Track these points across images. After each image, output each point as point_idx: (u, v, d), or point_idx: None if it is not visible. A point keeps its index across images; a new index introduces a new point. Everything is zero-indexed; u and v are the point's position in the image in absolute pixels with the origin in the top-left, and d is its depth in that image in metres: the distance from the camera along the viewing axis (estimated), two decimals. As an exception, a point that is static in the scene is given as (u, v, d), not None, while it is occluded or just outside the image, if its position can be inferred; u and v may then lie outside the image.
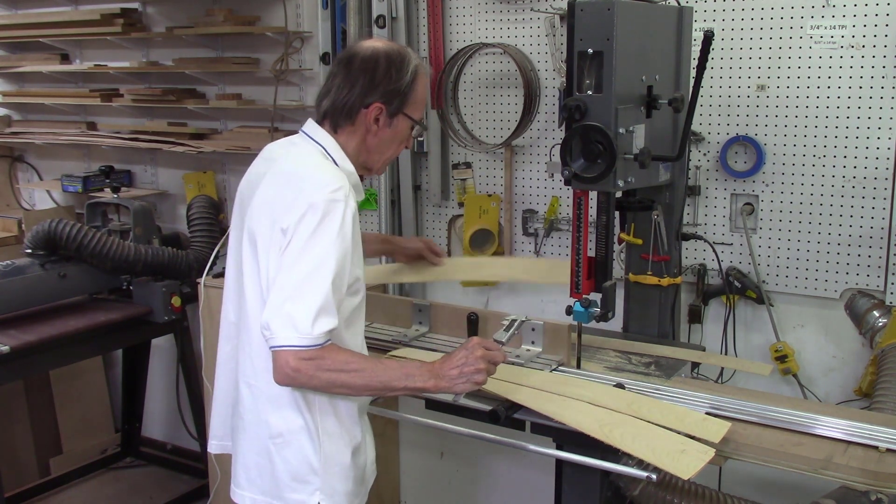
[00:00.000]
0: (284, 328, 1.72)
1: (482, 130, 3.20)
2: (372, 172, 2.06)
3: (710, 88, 2.72)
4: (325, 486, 1.91)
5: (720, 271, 2.79)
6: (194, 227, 3.75)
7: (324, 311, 1.73)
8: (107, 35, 3.87)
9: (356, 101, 1.90)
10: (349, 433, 1.95)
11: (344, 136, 1.94)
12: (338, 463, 1.92)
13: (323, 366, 1.74)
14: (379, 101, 1.90)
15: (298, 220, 1.75)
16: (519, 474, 3.36)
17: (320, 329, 1.73)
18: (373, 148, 1.97)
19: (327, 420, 1.91)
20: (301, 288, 1.74)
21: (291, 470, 1.91)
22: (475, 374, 1.84)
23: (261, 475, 1.96)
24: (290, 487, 1.92)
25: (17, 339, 3.06)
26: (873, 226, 2.55)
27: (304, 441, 1.90)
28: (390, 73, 1.90)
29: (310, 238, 1.75)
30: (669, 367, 2.35)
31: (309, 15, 3.51)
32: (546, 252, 3.13)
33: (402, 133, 1.98)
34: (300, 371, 1.73)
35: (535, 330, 2.37)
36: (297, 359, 1.73)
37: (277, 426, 1.91)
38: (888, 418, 2.00)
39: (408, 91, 1.92)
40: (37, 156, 4.69)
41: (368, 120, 1.91)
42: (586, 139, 2.07)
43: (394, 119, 1.93)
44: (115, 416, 4.54)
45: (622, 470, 1.91)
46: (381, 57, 1.90)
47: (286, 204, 1.80)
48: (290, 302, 1.73)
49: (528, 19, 3.02)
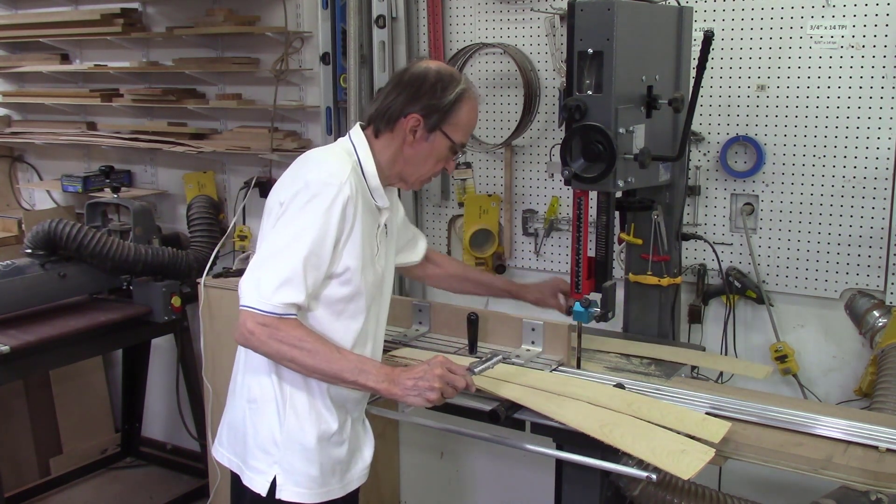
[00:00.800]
0: (250, 290, 1.82)
1: (482, 130, 3.20)
2: (407, 186, 2.10)
3: (710, 88, 2.72)
4: (284, 462, 1.97)
5: (720, 271, 2.79)
6: (194, 227, 3.75)
7: (289, 282, 1.82)
8: (107, 35, 3.87)
9: (397, 109, 1.97)
10: (318, 416, 1.98)
11: (382, 142, 2.01)
12: (298, 442, 1.97)
13: (276, 335, 1.82)
14: (418, 113, 1.95)
15: (293, 196, 1.86)
16: (519, 474, 3.36)
17: (280, 298, 1.81)
18: (409, 159, 2.01)
19: (297, 396, 1.97)
20: (275, 257, 1.84)
21: (257, 437, 1.99)
22: (427, 391, 1.84)
23: (237, 436, 2.06)
24: (253, 455, 2.00)
25: (17, 339, 3.06)
26: (873, 226, 2.55)
27: (271, 411, 1.98)
28: (435, 88, 1.95)
29: (297, 213, 1.84)
30: (669, 366, 2.35)
31: (309, 15, 3.51)
32: (546, 252, 3.13)
33: (439, 150, 2.00)
34: (254, 334, 1.82)
35: (535, 330, 2.37)
36: (254, 321, 1.81)
37: (254, 391, 2.01)
38: (888, 418, 2.00)
39: (448, 109, 1.96)
40: (37, 156, 4.69)
41: (405, 129, 1.97)
42: (586, 139, 2.07)
43: (431, 134, 1.97)
44: (115, 416, 4.54)
45: (622, 470, 1.91)
46: (431, 73, 1.98)
47: (289, 181, 1.93)
48: (261, 268, 1.84)
49: (528, 19, 3.02)
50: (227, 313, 3.20)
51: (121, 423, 4.42)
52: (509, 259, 3.22)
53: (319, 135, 3.50)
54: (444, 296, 3.37)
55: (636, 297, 2.62)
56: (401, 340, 2.49)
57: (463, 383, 1.89)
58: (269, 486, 1.96)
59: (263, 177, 3.74)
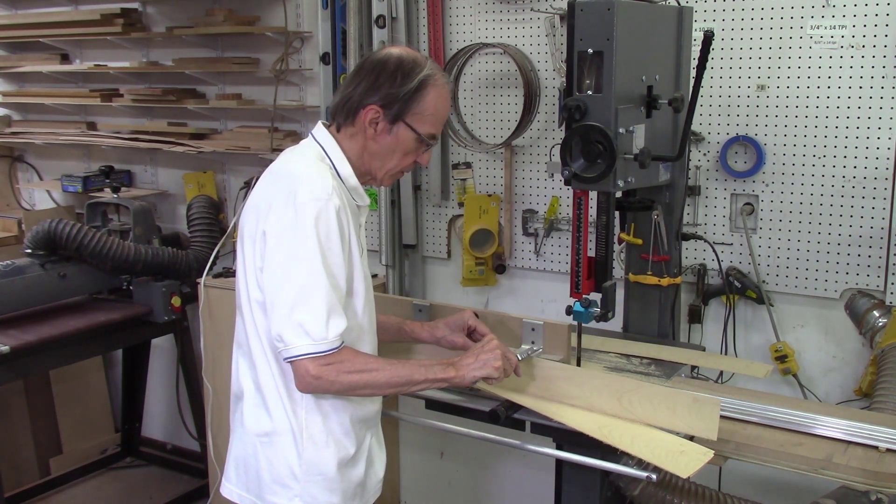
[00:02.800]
0: (298, 337, 1.72)
1: (482, 130, 3.20)
2: (377, 182, 1.97)
3: (710, 88, 2.72)
4: (305, 494, 1.88)
5: (720, 271, 2.79)
6: (194, 227, 3.75)
7: (332, 312, 1.74)
8: (107, 35, 3.87)
9: (356, 100, 1.85)
10: (337, 443, 1.91)
11: (346, 138, 1.90)
12: (320, 472, 1.89)
13: (343, 368, 1.75)
14: (376, 104, 1.84)
15: (283, 223, 1.75)
16: (519, 474, 3.36)
17: (334, 331, 1.74)
18: (374, 154, 1.89)
19: (313, 426, 1.88)
20: (304, 296, 1.73)
21: (273, 471, 1.90)
22: (492, 359, 1.85)
23: (247, 472, 1.96)
24: (270, 489, 1.91)
25: (17, 339, 3.06)
26: (873, 226, 2.55)
27: (287, 444, 1.88)
28: (395, 76, 1.83)
29: (301, 244, 1.73)
30: (669, 366, 2.35)
31: (309, 15, 3.51)
32: (546, 252, 3.13)
33: (404, 143, 1.88)
34: (321, 377, 1.74)
35: (535, 330, 2.36)
36: (317, 365, 1.73)
37: (265, 425, 1.90)
38: (888, 418, 2.00)
39: (409, 99, 1.83)
40: (37, 156, 4.69)
41: (364, 121, 1.85)
42: (586, 139, 2.07)
43: (394, 126, 1.86)
44: (115, 416, 4.54)
45: (622, 470, 1.91)
46: (392, 60, 1.85)
47: (268, 203, 1.79)
48: (296, 312, 1.72)
49: (528, 19, 3.02)
50: (227, 313, 3.18)
51: (121, 423, 4.42)
52: (509, 259, 3.22)
53: (319, 135, 3.49)
54: (444, 296, 3.38)
55: (636, 297, 2.62)
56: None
57: (516, 359, 1.91)
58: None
59: (263, 177, 3.74)
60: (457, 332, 2.17)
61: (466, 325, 2.17)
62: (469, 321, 2.17)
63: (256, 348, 1.89)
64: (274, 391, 1.88)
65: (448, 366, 1.86)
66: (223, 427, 3.18)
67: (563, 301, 2.53)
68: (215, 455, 3.23)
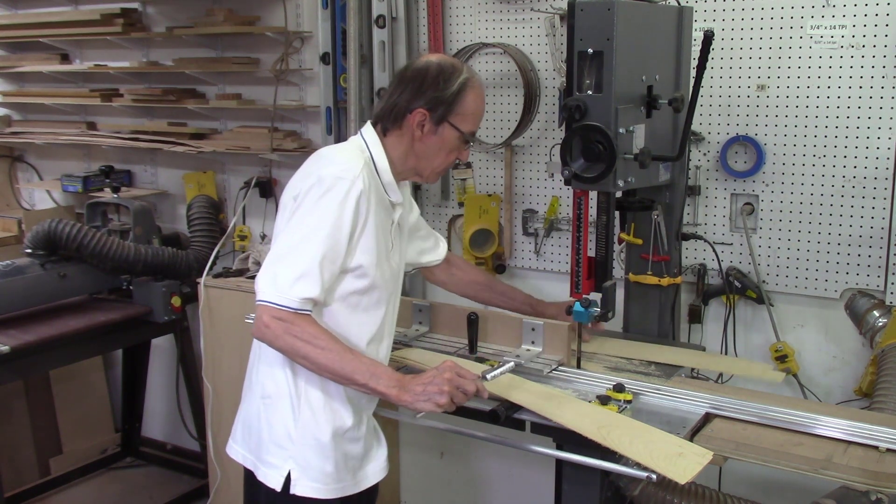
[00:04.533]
0: (267, 285, 1.85)
1: (482, 130, 3.19)
2: (423, 179, 2.12)
3: (710, 88, 2.72)
4: (299, 456, 1.97)
5: (720, 271, 2.79)
6: (194, 227, 3.75)
7: (305, 276, 1.83)
8: (107, 35, 3.87)
9: (403, 105, 1.99)
10: (334, 412, 1.99)
11: (392, 140, 2.03)
12: (313, 436, 1.97)
13: (291, 330, 1.83)
14: (423, 107, 1.97)
15: (307, 190, 1.88)
16: (519, 474, 3.36)
17: (298, 293, 1.83)
18: (421, 154, 2.03)
19: (312, 391, 1.97)
20: (291, 252, 1.86)
21: (272, 433, 2.00)
22: (437, 395, 1.84)
23: (251, 433, 2.06)
24: (267, 449, 2.01)
25: (17, 339, 3.06)
26: (873, 226, 2.55)
27: (286, 406, 1.98)
28: (438, 81, 1.97)
29: (312, 207, 1.86)
30: (670, 366, 2.34)
31: (309, 15, 3.51)
32: (546, 252, 3.13)
33: (449, 142, 2.02)
34: (269, 327, 1.84)
35: (535, 330, 2.37)
36: (270, 315, 1.83)
37: (268, 387, 2.02)
38: (888, 418, 2.00)
39: (453, 100, 1.97)
40: (37, 156, 4.69)
41: (413, 125, 1.99)
42: (586, 139, 2.07)
43: (439, 127, 1.99)
44: (115, 416, 4.54)
45: (622, 470, 1.91)
46: (433, 67, 1.99)
47: (302, 176, 1.95)
48: (278, 263, 1.86)
49: (528, 19, 3.02)
50: (227, 313, 3.20)
51: (121, 423, 4.42)
52: (509, 259, 3.22)
53: (319, 135, 3.49)
54: (444, 296, 3.38)
55: (636, 297, 2.62)
56: (401, 340, 2.49)
57: (473, 388, 1.89)
58: (283, 481, 1.97)
59: (263, 177, 3.75)
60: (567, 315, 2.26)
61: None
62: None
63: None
64: (277, 355, 1.96)
65: (395, 384, 1.87)
66: (223, 427, 3.18)
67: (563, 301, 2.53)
68: (215, 455, 3.23)
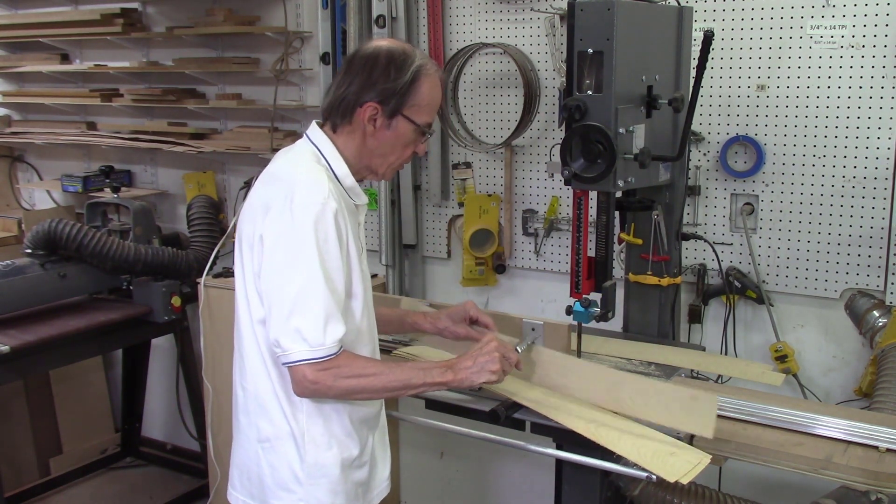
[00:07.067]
0: (295, 343, 1.72)
1: (482, 130, 3.20)
2: (378, 177, 1.97)
3: (710, 88, 2.72)
4: (309, 497, 1.87)
5: (720, 271, 2.79)
6: (194, 227, 3.75)
7: (330, 317, 1.73)
8: (107, 35, 3.87)
9: (352, 99, 1.83)
10: (340, 445, 1.90)
11: (343, 137, 1.88)
12: (324, 475, 1.88)
13: (340, 374, 1.75)
14: (374, 100, 1.82)
15: (283, 230, 1.74)
16: (519, 474, 3.36)
17: (332, 337, 1.73)
18: (375, 150, 1.88)
19: (314, 428, 1.87)
20: (301, 301, 1.72)
21: (276, 476, 1.89)
22: (490, 363, 1.84)
23: (250, 479, 1.95)
24: (274, 494, 1.90)
25: (17, 339, 3.06)
26: (873, 226, 2.55)
27: (289, 448, 1.87)
28: (388, 71, 1.81)
29: (296, 248, 1.73)
30: (670, 366, 2.34)
31: (309, 15, 3.51)
32: (546, 252, 3.13)
33: (404, 136, 1.87)
34: (319, 382, 1.74)
35: (535, 330, 2.37)
36: (315, 371, 1.73)
37: (265, 430, 1.90)
38: (888, 418, 2.00)
39: (406, 91, 1.82)
40: (37, 156, 4.69)
41: (363, 119, 1.83)
42: (586, 139, 2.07)
43: (393, 120, 1.84)
44: (115, 416, 4.54)
45: (622, 470, 1.91)
46: (382, 55, 1.83)
47: (265, 206, 1.78)
48: (293, 317, 1.72)
49: (528, 19, 3.02)
50: (228, 313, 3.17)
51: (121, 423, 4.42)
52: (509, 259, 3.22)
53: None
54: (444, 296, 3.38)
55: (636, 297, 2.62)
56: (401, 340, 2.49)
57: (515, 356, 1.90)
58: None
59: (263, 177, 3.74)
60: (459, 323, 2.17)
61: (468, 315, 2.17)
62: (471, 312, 2.17)
63: (254, 353, 1.88)
64: (273, 396, 1.87)
65: (446, 369, 1.85)
66: (223, 427, 3.18)
67: (563, 301, 2.53)
68: (215, 455, 3.23)
